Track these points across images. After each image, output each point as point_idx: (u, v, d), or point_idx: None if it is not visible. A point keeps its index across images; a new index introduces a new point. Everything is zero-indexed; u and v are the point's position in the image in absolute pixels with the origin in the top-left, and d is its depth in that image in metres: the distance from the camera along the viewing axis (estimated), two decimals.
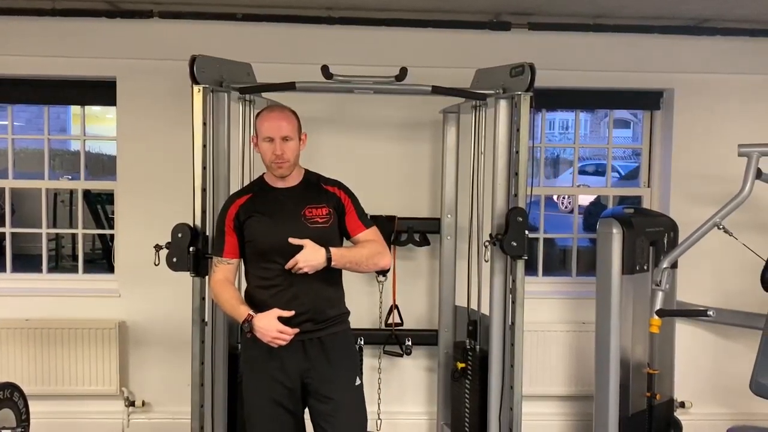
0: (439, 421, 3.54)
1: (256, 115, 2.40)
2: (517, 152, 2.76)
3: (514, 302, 2.81)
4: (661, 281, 3.10)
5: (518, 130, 2.75)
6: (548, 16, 3.57)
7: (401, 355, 3.50)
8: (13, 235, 3.92)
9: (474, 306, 3.20)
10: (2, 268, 3.83)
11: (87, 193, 5.44)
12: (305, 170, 2.40)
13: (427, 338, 3.54)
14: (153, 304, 3.58)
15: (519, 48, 3.55)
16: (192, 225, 2.64)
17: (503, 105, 2.83)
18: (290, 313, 2.20)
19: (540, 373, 3.70)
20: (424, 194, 3.66)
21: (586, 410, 3.60)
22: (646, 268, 3.25)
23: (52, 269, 4.72)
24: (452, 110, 3.35)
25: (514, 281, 2.80)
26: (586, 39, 3.64)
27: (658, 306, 3.07)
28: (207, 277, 2.66)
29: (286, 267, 2.18)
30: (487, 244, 2.85)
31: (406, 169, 3.65)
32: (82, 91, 3.68)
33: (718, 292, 3.69)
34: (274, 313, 2.18)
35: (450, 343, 3.42)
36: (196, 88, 2.64)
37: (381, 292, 3.57)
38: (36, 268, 3.90)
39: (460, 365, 3.19)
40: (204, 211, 2.69)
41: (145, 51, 3.52)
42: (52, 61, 3.53)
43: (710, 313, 3.00)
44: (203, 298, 2.71)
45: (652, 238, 3.27)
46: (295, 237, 2.19)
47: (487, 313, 2.95)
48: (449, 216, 3.45)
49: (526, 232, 2.72)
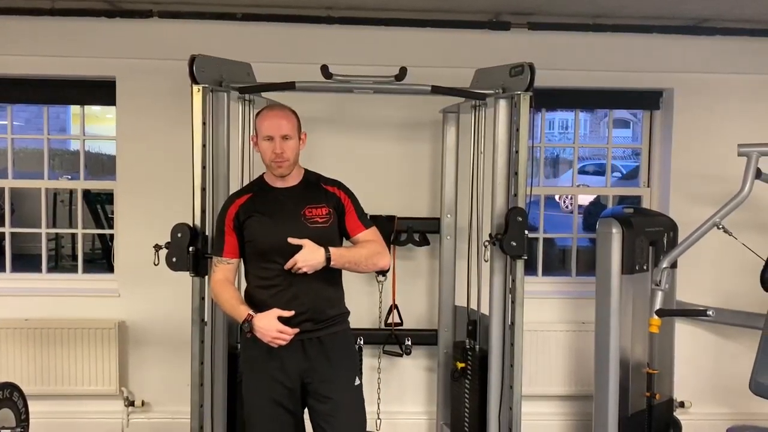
0: (439, 421, 3.54)
1: (256, 115, 2.40)
2: (517, 152, 2.76)
3: (513, 302, 2.80)
4: (660, 281, 3.10)
5: (518, 130, 2.75)
6: (548, 16, 3.57)
7: (401, 355, 3.50)
8: (13, 235, 3.92)
9: (474, 306, 3.20)
10: (2, 268, 3.83)
11: (87, 193, 5.43)
12: (305, 170, 2.40)
13: (426, 338, 3.54)
14: (153, 304, 3.58)
15: (518, 48, 3.55)
16: (191, 225, 2.64)
17: (503, 105, 2.83)
18: (290, 313, 2.20)
19: (539, 373, 3.70)
20: (423, 194, 3.66)
21: (586, 410, 3.60)
22: (645, 267, 3.25)
23: (52, 269, 4.72)
24: (452, 110, 3.35)
25: (514, 281, 2.80)
26: (586, 39, 3.64)
27: (658, 306, 3.07)
28: (206, 277, 2.67)
29: (286, 267, 2.18)
30: (487, 243, 2.85)
31: (406, 169, 3.65)
32: (81, 91, 3.68)
33: (717, 292, 3.69)
34: (274, 313, 2.18)
35: (450, 343, 3.42)
36: (196, 88, 2.64)
37: (381, 292, 3.56)
38: (35, 268, 3.90)
39: (460, 365, 3.19)
40: (204, 211, 2.69)
41: (145, 51, 3.52)
42: (51, 61, 3.53)
43: (710, 313, 2.99)
44: (203, 298, 2.70)
45: (651, 237, 3.27)
46: (295, 237, 2.19)
47: (487, 313, 2.95)
48: (449, 216, 3.45)
49: (526, 232, 2.72)
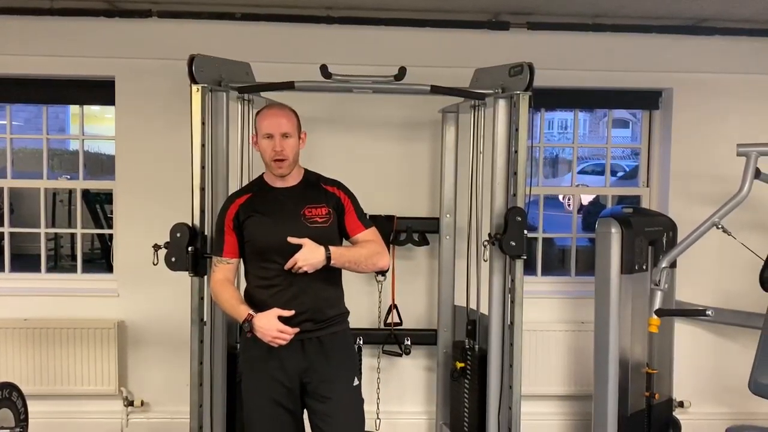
0: (438, 421, 3.54)
1: (256, 114, 2.40)
2: (516, 152, 2.76)
3: (513, 302, 2.80)
4: (660, 281, 3.10)
5: (517, 130, 2.75)
6: (547, 16, 3.57)
7: (400, 355, 3.50)
8: (12, 235, 3.92)
9: (473, 305, 3.19)
10: (1, 268, 3.82)
11: (86, 193, 5.42)
12: (305, 170, 2.40)
13: (426, 338, 3.54)
14: (152, 304, 3.58)
15: (518, 47, 3.55)
16: (191, 225, 2.64)
17: (502, 104, 2.83)
18: (290, 313, 2.19)
19: (539, 373, 3.70)
20: (423, 194, 3.66)
21: (585, 410, 3.60)
22: (645, 267, 3.25)
23: (51, 269, 4.71)
24: (451, 110, 3.35)
25: (513, 281, 2.80)
26: (585, 39, 3.64)
27: (657, 305, 3.07)
28: (206, 277, 2.67)
29: (286, 267, 2.18)
30: (486, 243, 2.85)
31: (405, 169, 3.65)
32: (80, 91, 3.68)
33: (717, 292, 3.70)
34: (274, 312, 2.18)
35: (449, 343, 3.42)
36: (195, 88, 2.64)
37: (380, 292, 3.56)
38: (35, 268, 3.90)
39: (459, 365, 3.19)
40: (203, 211, 2.69)
41: (144, 50, 3.52)
42: (50, 61, 3.53)
43: (709, 313, 2.99)
44: (202, 298, 2.70)
45: (651, 237, 3.27)
46: (295, 237, 2.19)
47: (486, 313, 2.95)
48: (448, 216, 3.45)
49: (525, 232, 2.72)
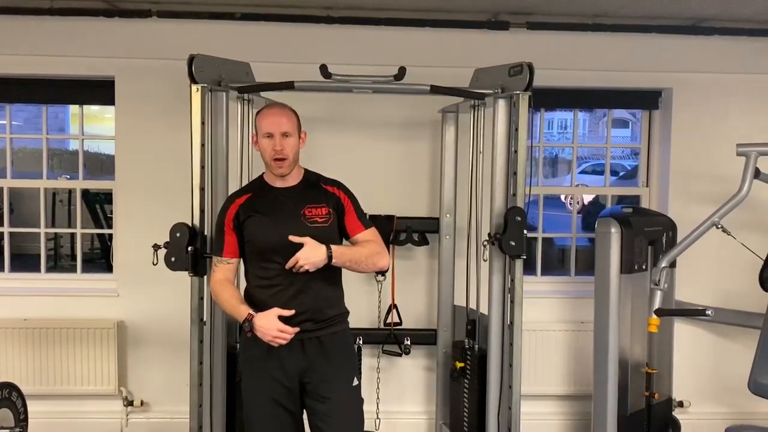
0: (438, 421, 3.54)
1: (256, 114, 2.40)
2: (516, 152, 2.76)
3: (512, 301, 2.80)
4: (659, 281, 3.10)
5: (517, 130, 2.75)
6: (547, 16, 3.57)
7: (400, 355, 3.50)
8: (12, 235, 3.92)
9: (473, 305, 3.19)
10: (1, 268, 3.82)
11: (85, 193, 5.41)
12: (305, 170, 2.40)
13: (425, 338, 3.54)
14: (152, 304, 3.58)
15: (518, 47, 3.55)
16: (190, 224, 2.64)
17: (502, 104, 2.83)
18: (290, 312, 2.20)
19: (539, 373, 3.70)
20: (422, 194, 3.66)
21: (585, 409, 3.60)
22: (644, 267, 3.25)
23: (51, 269, 4.70)
24: (451, 110, 3.35)
25: (513, 280, 2.80)
26: (585, 38, 3.64)
27: (657, 305, 3.07)
28: (205, 277, 2.67)
29: (287, 266, 2.18)
30: (486, 243, 2.85)
31: (405, 169, 3.65)
32: (80, 91, 3.68)
33: (716, 292, 3.70)
34: (275, 312, 2.18)
35: (449, 343, 3.42)
36: (195, 88, 2.64)
37: (380, 292, 3.56)
38: (34, 268, 3.90)
39: (459, 365, 3.19)
40: (202, 211, 2.69)
41: (144, 50, 3.51)
42: (50, 61, 3.52)
43: (709, 313, 2.99)
44: (202, 298, 2.70)
45: (650, 237, 3.27)
46: (295, 236, 2.19)
47: (486, 313, 2.95)
48: (448, 215, 3.45)
49: (525, 232, 2.72)
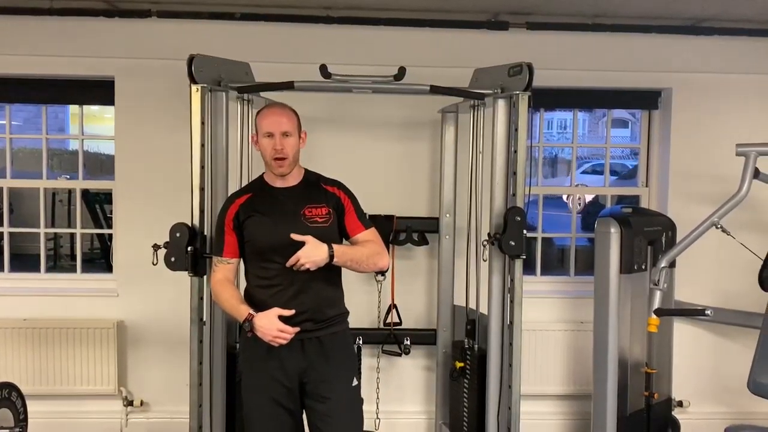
0: (438, 421, 3.54)
1: (257, 113, 2.40)
2: (516, 152, 2.76)
3: (512, 301, 2.80)
4: (659, 280, 3.10)
5: (516, 130, 2.75)
6: (546, 16, 3.58)
7: (400, 355, 3.50)
8: (11, 235, 3.92)
9: (472, 305, 3.19)
10: (0, 268, 3.82)
11: (85, 193, 5.42)
12: (305, 170, 2.41)
13: (425, 337, 3.54)
14: (151, 304, 3.58)
15: (517, 47, 3.55)
16: (190, 224, 2.64)
17: (501, 104, 2.83)
18: (290, 312, 2.20)
19: (538, 373, 3.71)
20: (422, 193, 3.66)
21: (585, 409, 3.60)
22: (644, 267, 3.25)
23: (51, 269, 4.70)
24: (451, 110, 3.35)
25: (513, 280, 2.80)
26: (585, 38, 3.65)
27: (657, 305, 3.07)
28: (205, 277, 2.67)
29: (288, 264, 2.18)
30: (486, 243, 2.85)
31: (405, 169, 3.65)
32: (80, 91, 3.68)
33: (716, 292, 3.70)
34: (275, 312, 2.18)
35: (448, 343, 3.42)
36: (195, 88, 2.64)
37: (380, 292, 3.56)
38: (34, 268, 3.90)
39: (459, 364, 3.19)
40: (202, 211, 2.69)
41: (144, 50, 3.51)
42: (50, 61, 3.52)
43: (708, 313, 2.99)
44: (201, 298, 2.70)
45: (650, 237, 3.28)
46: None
47: (486, 313, 2.95)
48: (448, 215, 3.45)
49: (525, 232, 2.73)
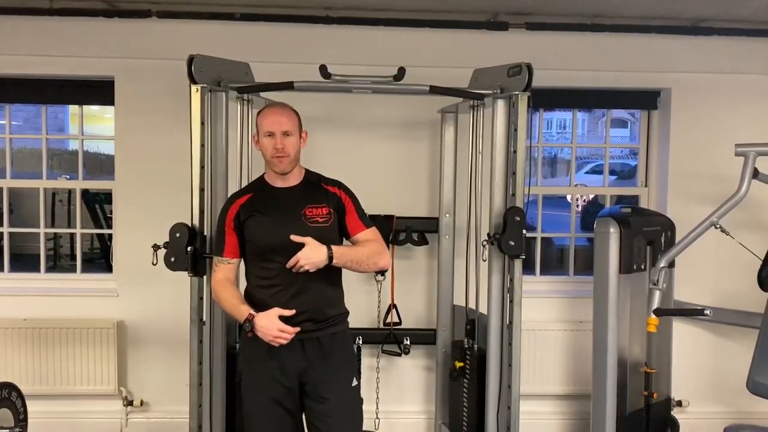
0: (438, 420, 3.55)
1: (258, 113, 2.41)
2: (515, 152, 2.76)
3: (511, 301, 2.81)
4: (658, 280, 3.11)
5: (516, 130, 2.76)
6: (546, 16, 3.58)
7: (399, 355, 3.51)
8: (11, 235, 3.92)
9: (472, 305, 3.20)
10: (0, 268, 3.82)
11: (85, 193, 5.41)
12: (306, 170, 2.41)
13: (425, 337, 3.55)
14: (151, 304, 3.58)
15: (517, 48, 3.55)
16: (190, 225, 2.64)
17: (501, 105, 2.83)
18: (291, 312, 2.20)
19: (538, 372, 3.71)
20: (422, 194, 3.66)
21: (584, 409, 3.60)
22: (643, 267, 3.25)
23: (51, 269, 4.71)
24: (450, 110, 3.35)
25: (512, 280, 2.80)
26: (584, 39, 3.65)
27: (656, 305, 3.08)
28: (205, 277, 2.67)
29: (288, 265, 2.18)
30: (485, 243, 2.86)
31: (405, 169, 3.65)
32: (80, 91, 3.68)
33: (715, 292, 3.70)
34: (275, 312, 2.19)
35: (448, 342, 3.43)
36: (194, 88, 2.64)
37: (379, 292, 3.57)
38: (34, 268, 3.90)
39: (459, 364, 3.20)
40: (202, 211, 2.69)
41: (143, 51, 3.52)
42: (50, 61, 3.53)
43: (707, 313, 3.00)
44: (201, 298, 2.70)
45: (649, 237, 3.28)
46: (297, 236, 2.19)
47: (485, 312, 2.95)
48: (447, 215, 3.45)
49: (524, 232, 2.73)
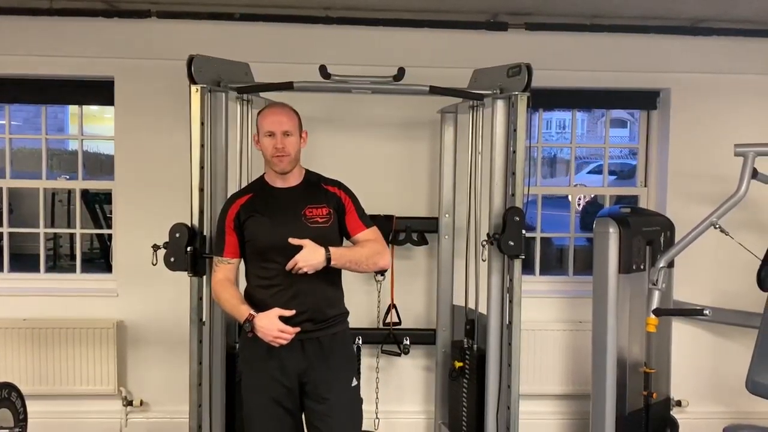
0: (437, 421, 3.55)
1: (258, 113, 2.41)
2: (515, 152, 2.76)
3: (511, 301, 2.81)
4: (657, 280, 3.11)
5: (515, 130, 2.76)
6: (545, 16, 3.58)
7: (399, 355, 3.51)
8: (11, 235, 3.92)
9: (471, 305, 3.20)
10: (0, 268, 3.82)
11: (85, 193, 5.42)
12: (306, 170, 2.41)
13: (425, 337, 3.55)
14: (151, 304, 3.58)
15: (516, 48, 3.55)
16: (190, 225, 2.64)
17: (500, 105, 2.83)
18: (291, 313, 2.20)
19: (537, 372, 3.71)
20: (422, 194, 3.67)
21: (583, 409, 3.60)
22: (642, 267, 3.25)
23: (50, 269, 4.71)
24: (450, 110, 3.35)
25: (512, 280, 2.80)
26: (583, 39, 3.65)
27: (655, 305, 3.08)
28: (205, 277, 2.67)
29: (287, 268, 2.18)
30: (485, 243, 2.86)
31: (404, 169, 3.65)
32: (79, 91, 3.68)
33: (714, 292, 3.71)
34: (276, 312, 2.19)
35: (448, 342, 3.43)
36: (194, 88, 2.64)
37: (379, 291, 3.57)
38: (34, 268, 3.90)
39: (458, 364, 3.20)
40: (202, 211, 2.69)
41: (143, 51, 3.52)
42: (49, 61, 3.53)
43: (707, 313, 3.00)
44: (201, 298, 2.70)
45: (648, 237, 3.28)
46: (295, 237, 2.20)
47: (485, 312, 2.96)
48: (447, 215, 3.46)
49: (523, 232, 2.73)
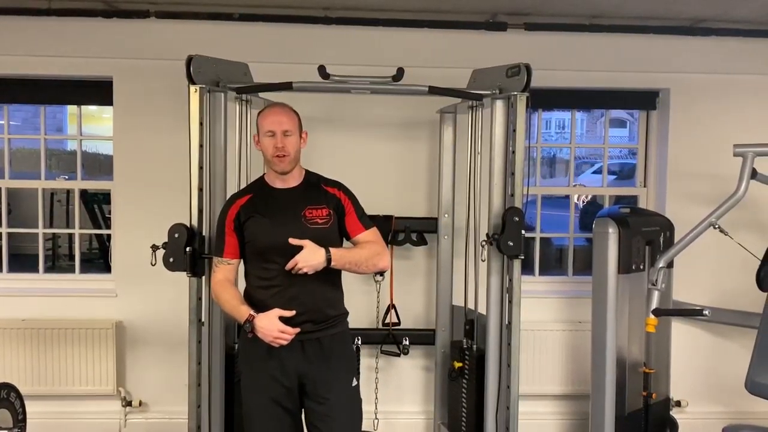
0: (437, 421, 3.55)
1: (258, 113, 2.41)
2: (514, 152, 2.76)
3: (510, 301, 2.81)
4: (657, 281, 3.11)
5: (515, 130, 2.76)
6: (544, 17, 3.58)
7: (398, 355, 3.51)
8: (10, 235, 3.91)
9: (471, 305, 3.20)
10: None
11: (84, 193, 5.42)
12: (306, 171, 2.41)
13: (424, 338, 3.55)
14: (150, 304, 3.58)
15: (515, 48, 3.55)
16: (189, 225, 2.64)
17: (500, 105, 2.83)
18: (291, 313, 2.20)
19: (536, 373, 3.71)
20: (421, 194, 3.66)
21: (583, 409, 3.61)
22: (642, 267, 3.25)
23: (49, 269, 4.71)
24: (449, 110, 3.35)
25: (511, 280, 2.80)
26: (583, 39, 3.65)
27: (654, 305, 3.08)
28: (204, 278, 2.67)
29: (286, 268, 2.18)
30: (484, 243, 2.86)
31: (404, 169, 3.65)
32: (78, 91, 3.68)
33: (714, 292, 3.71)
34: (276, 312, 2.19)
35: (447, 343, 3.43)
36: (193, 88, 2.64)
37: (378, 292, 3.57)
38: (33, 268, 3.89)
39: (457, 364, 3.20)
40: (201, 211, 2.69)
41: (142, 51, 3.52)
42: (48, 61, 3.52)
43: (706, 313, 3.00)
44: (200, 298, 2.70)
45: (648, 237, 3.28)
46: (295, 237, 2.19)
47: (484, 313, 2.96)
48: (446, 215, 3.46)
49: (523, 232, 2.73)
